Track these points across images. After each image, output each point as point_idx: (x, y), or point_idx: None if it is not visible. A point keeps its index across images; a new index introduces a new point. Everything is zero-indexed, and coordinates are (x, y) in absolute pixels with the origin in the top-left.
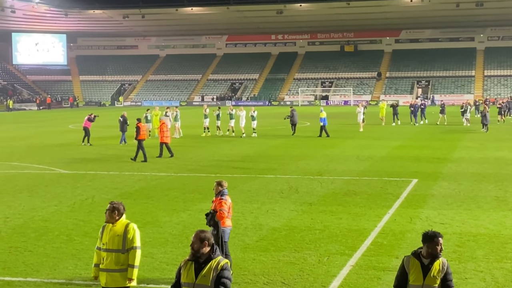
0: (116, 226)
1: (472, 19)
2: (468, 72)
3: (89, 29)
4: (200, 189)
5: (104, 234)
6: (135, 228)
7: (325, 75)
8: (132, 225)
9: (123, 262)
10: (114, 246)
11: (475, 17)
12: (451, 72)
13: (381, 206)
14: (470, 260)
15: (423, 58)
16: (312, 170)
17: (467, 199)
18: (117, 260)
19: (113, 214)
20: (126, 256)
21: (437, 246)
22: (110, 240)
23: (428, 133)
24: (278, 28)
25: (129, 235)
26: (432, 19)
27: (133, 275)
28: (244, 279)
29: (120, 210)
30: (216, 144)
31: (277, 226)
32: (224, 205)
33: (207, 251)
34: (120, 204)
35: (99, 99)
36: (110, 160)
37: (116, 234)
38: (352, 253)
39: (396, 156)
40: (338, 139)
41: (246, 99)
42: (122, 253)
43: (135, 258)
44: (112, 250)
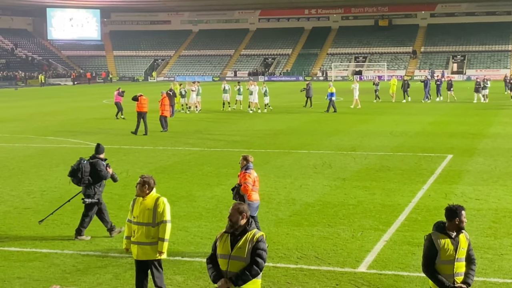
0: (147, 200)
1: None
2: (504, 47)
3: (122, 4)
4: (234, 164)
5: (135, 207)
6: (165, 202)
7: (359, 50)
8: (162, 199)
9: (153, 235)
10: (145, 219)
11: None
12: (487, 47)
13: (416, 182)
14: (506, 236)
15: (458, 32)
16: (345, 145)
17: (503, 175)
18: (147, 234)
19: (143, 188)
20: (156, 229)
21: (463, 219)
22: (141, 213)
23: (464, 109)
24: (311, 2)
25: (159, 209)
26: None
27: (163, 248)
28: (278, 253)
29: (151, 184)
30: (249, 120)
31: (311, 201)
32: (248, 178)
33: (244, 223)
34: (151, 178)
35: (133, 74)
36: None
37: (147, 208)
38: (386, 228)
39: (430, 131)
40: (371, 115)
41: (279, 74)
42: (152, 226)
43: (165, 232)
44: (142, 223)
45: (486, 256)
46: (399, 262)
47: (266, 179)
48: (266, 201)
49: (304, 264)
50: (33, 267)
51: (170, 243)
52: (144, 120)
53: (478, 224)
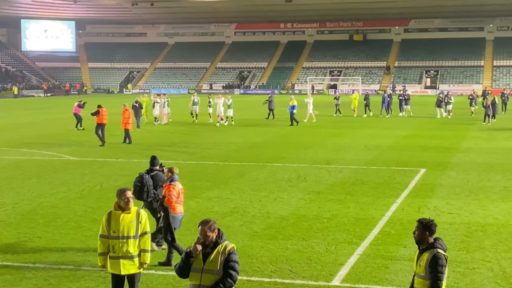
0: (130, 212)
1: (481, 9)
2: (477, 62)
3: (98, 16)
4: (208, 177)
5: (113, 222)
6: (145, 214)
7: (334, 64)
8: (142, 211)
9: (137, 247)
10: (130, 233)
11: (485, 6)
12: (460, 62)
13: (389, 196)
14: (478, 250)
15: (432, 47)
16: (320, 158)
17: (475, 189)
18: (133, 246)
19: (129, 203)
20: (139, 241)
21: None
22: (125, 227)
23: (437, 123)
24: (287, 16)
25: (142, 221)
26: (441, 9)
27: (147, 259)
28: (252, 267)
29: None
30: (224, 132)
31: (285, 214)
32: (172, 190)
33: (215, 237)
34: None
35: (108, 86)
36: (119, 147)
37: (130, 221)
38: (359, 242)
39: (404, 145)
40: (346, 129)
41: (255, 87)
42: (135, 239)
43: (146, 243)
44: (126, 237)
45: (458, 270)
46: (373, 275)
47: (241, 192)
48: (241, 214)
49: (278, 278)
50: (4, 280)
51: None
52: (102, 132)
53: (451, 238)
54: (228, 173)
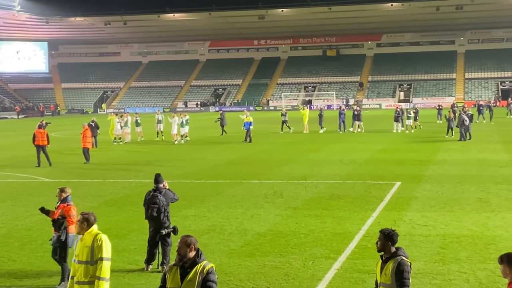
0: (86, 237)
1: (452, 22)
2: (449, 75)
3: (70, 36)
4: (185, 196)
5: (77, 245)
6: (104, 239)
7: (308, 79)
8: (101, 235)
9: (92, 274)
10: (84, 257)
11: (455, 20)
12: (432, 75)
13: (365, 209)
14: (454, 262)
15: (404, 61)
16: (296, 174)
17: (450, 201)
18: (86, 272)
19: (82, 224)
20: (95, 267)
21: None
22: (80, 251)
23: (411, 137)
24: (260, 33)
25: (96, 246)
26: (413, 23)
27: (100, 287)
28: (230, 285)
29: (90, 220)
30: (200, 150)
31: (262, 231)
32: (73, 211)
33: (193, 256)
34: (91, 215)
35: (82, 106)
36: (93, 168)
37: (86, 245)
38: (337, 256)
39: (379, 159)
40: (321, 144)
41: (230, 104)
42: (91, 264)
43: (102, 270)
44: (82, 262)
45: (435, 282)
46: None
47: (218, 210)
48: (218, 232)
49: None
50: None
51: (120, 277)
52: (44, 152)
53: (426, 250)
54: (205, 191)
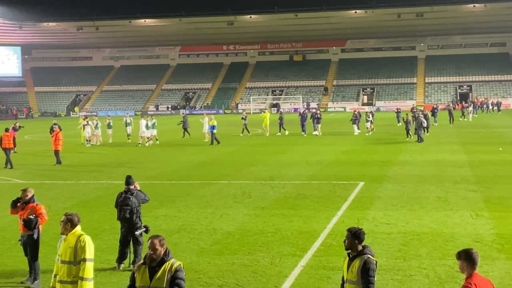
0: (69, 237)
1: (413, 29)
2: (410, 80)
3: (43, 41)
4: (156, 196)
5: (61, 245)
6: (87, 240)
7: (275, 83)
8: (84, 237)
9: (75, 274)
10: (67, 258)
11: (416, 27)
12: (394, 80)
13: (330, 209)
14: (414, 258)
15: (367, 66)
16: (264, 175)
17: (410, 200)
18: (69, 272)
19: (66, 225)
20: (77, 268)
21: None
22: (64, 251)
23: (373, 139)
24: (229, 39)
25: (79, 247)
26: (376, 29)
27: (84, 287)
28: (200, 282)
29: (74, 221)
30: (171, 152)
31: (231, 230)
32: (43, 210)
33: (162, 255)
34: (75, 216)
35: (55, 109)
36: (66, 170)
37: (69, 245)
38: (303, 254)
39: (343, 160)
40: (288, 146)
41: (200, 107)
42: (74, 265)
43: (85, 271)
44: (65, 261)
45: (396, 278)
46: (316, 286)
47: (188, 210)
48: (188, 231)
49: None
50: None
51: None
52: (7, 155)
53: (388, 247)
54: (175, 192)
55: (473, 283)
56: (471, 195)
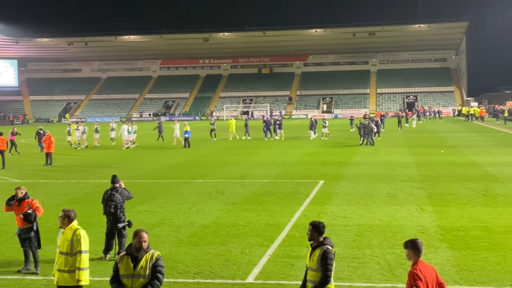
0: (66, 231)
1: (366, 46)
2: (364, 90)
3: (38, 55)
4: (139, 194)
5: (59, 238)
6: (82, 234)
7: (246, 93)
8: (80, 231)
9: (71, 264)
10: (64, 249)
11: (369, 44)
12: (350, 90)
13: (294, 204)
14: (367, 247)
15: (327, 78)
16: (235, 174)
17: (364, 196)
18: (66, 262)
19: (64, 220)
20: (74, 259)
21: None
22: (62, 243)
23: (331, 142)
24: (205, 53)
25: (75, 240)
26: (334, 46)
27: (80, 276)
28: (178, 270)
29: (71, 216)
30: (151, 155)
31: (206, 223)
32: (38, 204)
33: (146, 245)
34: (71, 212)
35: (48, 116)
36: (57, 170)
37: (67, 238)
38: (270, 244)
39: (306, 161)
40: (256, 148)
41: (179, 114)
42: (70, 256)
43: (81, 261)
44: (63, 253)
45: (351, 265)
46: (281, 272)
47: (167, 206)
48: (167, 225)
49: (200, 278)
50: None
51: None
52: (2, 157)
53: (345, 237)
54: (156, 190)
55: (418, 269)
56: (417, 191)
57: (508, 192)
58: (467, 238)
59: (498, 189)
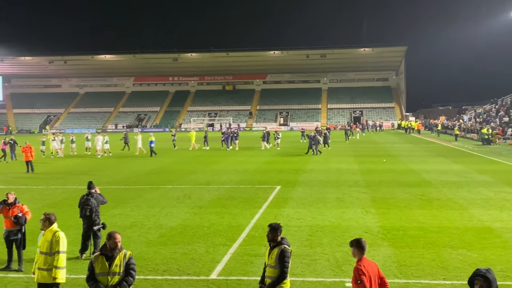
0: (47, 233)
1: (318, 67)
2: (316, 106)
3: (21, 71)
4: (113, 198)
5: (40, 239)
6: (61, 236)
7: (211, 108)
8: (59, 233)
9: (50, 263)
10: (44, 249)
11: (320, 65)
12: (304, 106)
13: (254, 207)
14: (319, 246)
15: (283, 95)
16: (201, 181)
17: (316, 200)
18: (45, 261)
19: (45, 222)
20: (52, 258)
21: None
22: (42, 244)
23: (287, 152)
24: (174, 71)
25: (55, 241)
26: (290, 66)
27: (57, 274)
28: (148, 268)
29: (51, 219)
30: (124, 163)
31: (174, 225)
32: (27, 208)
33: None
34: (52, 215)
35: (29, 127)
36: (37, 177)
37: (47, 239)
38: (231, 243)
39: (264, 169)
40: (221, 157)
41: (150, 126)
42: (49, 255)
43: (59, 261)
44: (42, 252)
45: (304, 262)
46: (241, 269)
47: (139, 209)
48: (138, 227)
49: (168, 275)
50: None
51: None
52: None
53: (299, 237)
54: (129, 195)
55: (362, 265)
56: (362, 196)
57: (442, 197)
58: (405, 237)
59: (433, 194)
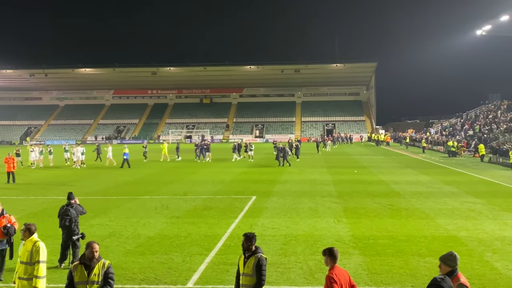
0: (27, 243)
1: (292, 81)
2: (290, 119)
3: (2, 84)
4: (92, 209)
5: (21, 249)
6: (41, 246)
7: (189, 120)
8: (39, 243)
9: (30, 272)
10: (24, 259)
11: (295, 80)
12: (278, 119)
13: (230, 217)
14: (293, 255)
15: (259, 108)
16: (179, 191)
17: (290, 210)
18: (25, 271)
19: (25, 233)
20: (32, 268)
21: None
22: (22, 254)
23: (261, 163)
24: (153, 85)
25: (35, 251)
26: (265, 81)
27: (37, 284)
28: (125, 277)
29: (31, 230)
30: (103, 174)
31: (152, 235)
32: (14, 219)
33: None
34: (32, 225)
35: (10, 139)
36: (17, 188)
37: (27, 249)
38: (208, 253)
39: (240, 179)
40: (197, 168)
41: (129, 138)
42: (29, 265)
43: (39, 270)
44: (23, 262)
45: (278, 270)
46: (217, 278)
47: (117, 219)
48: (117, 236)
49: (146, 284)
50: None
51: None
52: None
53: (273, 246)
54: (107, 205)
55: (334, 273)
56: (334, 206)
57: (410, 206)
58: (376, 246)
59: (402, 204)
